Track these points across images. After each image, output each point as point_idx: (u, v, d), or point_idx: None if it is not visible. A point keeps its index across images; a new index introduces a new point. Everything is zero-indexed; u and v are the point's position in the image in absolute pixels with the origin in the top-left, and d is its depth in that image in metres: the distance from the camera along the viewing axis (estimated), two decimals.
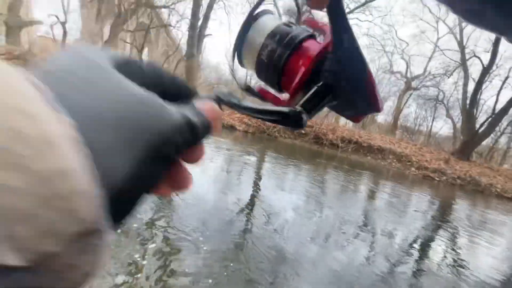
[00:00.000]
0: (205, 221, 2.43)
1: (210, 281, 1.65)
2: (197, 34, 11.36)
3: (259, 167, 5.57)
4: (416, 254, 2.86)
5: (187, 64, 11.77)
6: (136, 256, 1.73)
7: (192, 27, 11.26)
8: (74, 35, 24.92)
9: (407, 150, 12.92)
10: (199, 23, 11.56)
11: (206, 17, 11.98)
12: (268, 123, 13.45)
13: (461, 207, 6.59)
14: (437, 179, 11.02)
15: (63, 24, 18.16)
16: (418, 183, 8.99)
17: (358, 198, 4.83)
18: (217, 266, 1.81)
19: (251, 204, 3.17)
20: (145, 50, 22.20)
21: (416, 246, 3.10)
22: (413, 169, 11.59)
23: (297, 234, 2.61)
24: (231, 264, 1.87)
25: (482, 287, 2.36)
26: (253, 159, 6.18)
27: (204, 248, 1.98)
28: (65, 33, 18.27)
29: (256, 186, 4.04)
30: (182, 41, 23.65)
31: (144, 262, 1.69)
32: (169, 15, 21.68)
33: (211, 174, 3.98)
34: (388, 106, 29.38)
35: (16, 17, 16.47)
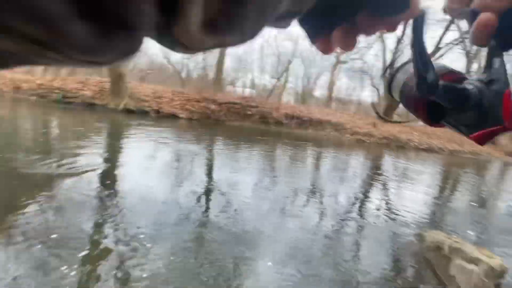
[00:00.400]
0: (160, 219, 2.22)
1: (174, 277, 1.52)
2: None
3: (210, 154, 5.38)
4: (357, 209, 3.19)
5: None
6: (88, 262, 1.47)
7: None
8: None
9: (342, 119, 14.21)
10: None
11: None
12: (213, 107, 12.74)
13: (388, 162, 7.62)
14: (368, 141, 12.54)
15: None
16: (353, 146, 10.04)
17: (305, 168, 5.12)
18: (178, 262, 1.68)
19: (206, 192, 3.03)
20: None
21: (357, 202, 3.46)
22: (347, 135, 12.88)
23: (254, 212, 2.62)
24: (193, 257, 1.76)
25: (408, 226, 2.78)
26: (202, 146, 5.93)
27: (160, 246, 1.81)
28: None
29: (210, 174, 3.90)
30: None
31: (98, 267, 1.45)
32: None
33: (160, 169, 3.67)
34: (322, 80, 31.57)
35: None
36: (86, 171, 3.10)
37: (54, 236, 1.77)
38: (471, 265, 1.80)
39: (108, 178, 3.06)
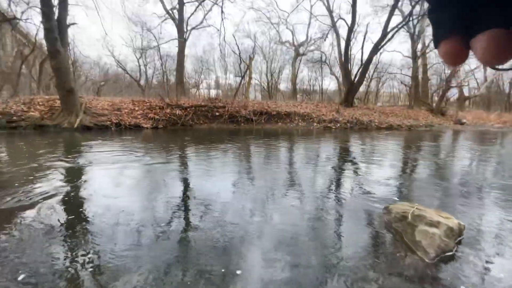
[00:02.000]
0: (139, 236, 2.08)
1: None
2: (55, 25, 9.11)
3: (181, 160, 5.20)
4: (332, 192, 3.31)
5: (54, 64, 9.44)
6: None
7: (46, 17, 8.91)
8: None
9: (307, 110, 14.67)
10: (56, 10, 9.27)
11: (64, 4, 9.69)
12: (178, 113, 12.42)
13: (354, 144, 8.03)
14: (334, 127, 13.14)
15: None
16: (321, 134, 10.43)
17: (280, 161, 5.19)
18: (168, 278, 1.59)
19: (183, 201, 2.92)
20: None
21: (332, 185, 3.59)
22: (315, 124, 13.36)
23: (237, 213, 2.58)
24: (181, 271, 1.68)
25: (378, 201, 2.95)
26: (173, 153, 5.71)
27: (146, 266, 1.70)
28: None
29: (185, 181, 3.76)
30: (40, 36, 18.84)
31: None
32: (9, 5, 16.59)
33: (128, 187, 3.44)
34: (286, 74, 32.28)
35: None
36: (44, 199, 2.82)
37: (21, 277, 1.58)
38: (432, 228, 1.96)
39: (70, 204, 2.82)
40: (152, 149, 6.13)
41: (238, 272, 1.73)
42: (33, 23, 18.08)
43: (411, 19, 16.62)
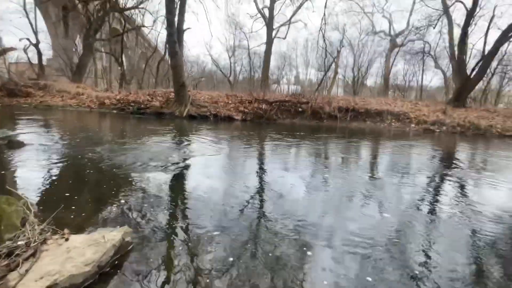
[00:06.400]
0: (219, 214, 2.38)
1: (234, 273, 1.66)
2: (176, 30, 11.02)
3: (262, 151, 5.62)
4: (427, 206, 2.89)
5: (173, 63, 11.47)
6: (161, 259, 1.72)
7: (169, 24, 10.89)
8: (47, 54, 24.05)
9: (403, 108, 13.04)
10: (176, 18, 11.19)
11: (182, 11, 11.58)
12: (264, 107, 12.99)
13: (464, 153, 6.76)
14: (438, 130, 11.24)
15: (36, 45, 17.52)
16: (419, 137, 9.15)
17: (363, 164, 4.89)
18: (237, 256, 1.82)
19: (259, 189, 3.13)
20: (123, 57, 21.70)
21: (426, 199, 3.13)
22: (412, 125, 11.78)
23: (309, 210, 2.58)
24: (250, 253, 1.84)
25: (492, 228, 2.50)
26: (254, 144, 6.22)
27: (221, 241, 1.94)
28: (39, 54, 17.63)
29: (262, 170, 4.07)
30: (158, 40, 23.04)
31: (173, 262, 1.69)
32: (143, 15, 20.89)
33: (216, 167, 4.01)
34: (376, 68, 29.31)
35: None
36: (158, 170, 3.59)
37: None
38: None
39: (178, 177, 3.50)
40: (241, 139, 6.80)
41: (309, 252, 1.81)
42: (155, 30, 22.00)
43: None
